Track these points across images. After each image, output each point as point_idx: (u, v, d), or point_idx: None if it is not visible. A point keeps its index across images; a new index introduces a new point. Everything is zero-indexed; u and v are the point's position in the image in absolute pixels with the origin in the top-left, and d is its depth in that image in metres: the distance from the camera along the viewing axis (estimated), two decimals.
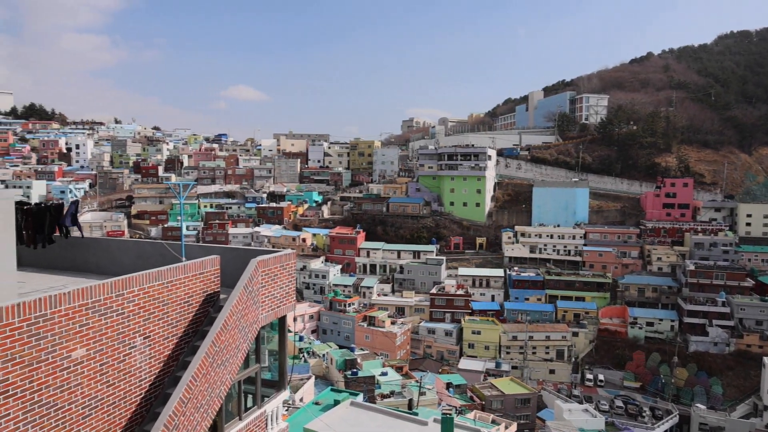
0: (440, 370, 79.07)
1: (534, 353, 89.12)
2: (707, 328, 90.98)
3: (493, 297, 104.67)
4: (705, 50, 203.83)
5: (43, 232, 12.45)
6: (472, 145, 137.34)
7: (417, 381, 58.49)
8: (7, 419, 6.52)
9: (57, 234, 13.07)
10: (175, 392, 8.58)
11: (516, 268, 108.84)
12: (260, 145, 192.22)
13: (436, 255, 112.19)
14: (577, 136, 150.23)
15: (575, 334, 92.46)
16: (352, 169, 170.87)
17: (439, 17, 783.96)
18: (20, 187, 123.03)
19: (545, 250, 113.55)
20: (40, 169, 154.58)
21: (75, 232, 13.87)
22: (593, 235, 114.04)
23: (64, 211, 12.95)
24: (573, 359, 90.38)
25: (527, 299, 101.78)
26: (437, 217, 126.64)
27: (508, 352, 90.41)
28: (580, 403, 71.77)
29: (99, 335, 7.84)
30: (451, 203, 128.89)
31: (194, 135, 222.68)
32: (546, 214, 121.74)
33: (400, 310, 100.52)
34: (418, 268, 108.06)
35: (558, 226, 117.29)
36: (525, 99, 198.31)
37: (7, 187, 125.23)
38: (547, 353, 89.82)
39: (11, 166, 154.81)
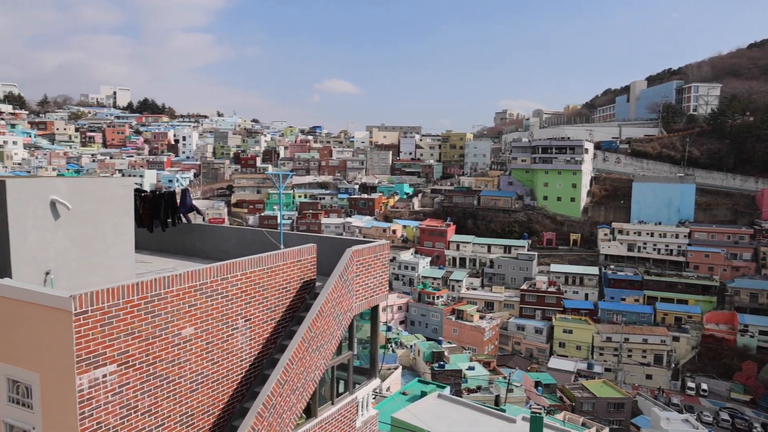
0: (529, 368, 77.25)
1: (629, 356, 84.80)
2: None
3: (586, 295, 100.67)
4: None
5: (159, 217, 13.51)
6: (568, 138, 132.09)
7: (505, 377, 57.51)
8: (128, 387, 7.12)
9: (180, 220, 14.05)
10: (273, 374, 8.96)
11: (612, 267, 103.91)
12: (353, 137, 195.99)
13: (528, 250, 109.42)
14: (683, 129, 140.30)
15: (676, 339, 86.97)
16: (443, 161, 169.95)
17: (535, 8, 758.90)
18: (134, 176, 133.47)
19: (645, 248, 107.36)
20: (151, 160, 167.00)
21: (197, 218, 14.92)
22: (699, 234, 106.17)
23: (177, 199, 13.89)
24: (673, 365, 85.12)
25: (623, 299, 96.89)
26: (529, 212, 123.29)
27: (601, 354, 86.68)
28: (680, 412, 67.21)
29: (205, 315, 8.32)
30: (545, 198, 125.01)
31: (290, 127, 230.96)
32: (646, 210, 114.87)
33: (489, 305, 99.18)
34: (509, 263, 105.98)
35: (659, 223, 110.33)
36: (626, 89, 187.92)
37: (123, 175, 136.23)
38: (644, 357, 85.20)
39: (127, 156, 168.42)
